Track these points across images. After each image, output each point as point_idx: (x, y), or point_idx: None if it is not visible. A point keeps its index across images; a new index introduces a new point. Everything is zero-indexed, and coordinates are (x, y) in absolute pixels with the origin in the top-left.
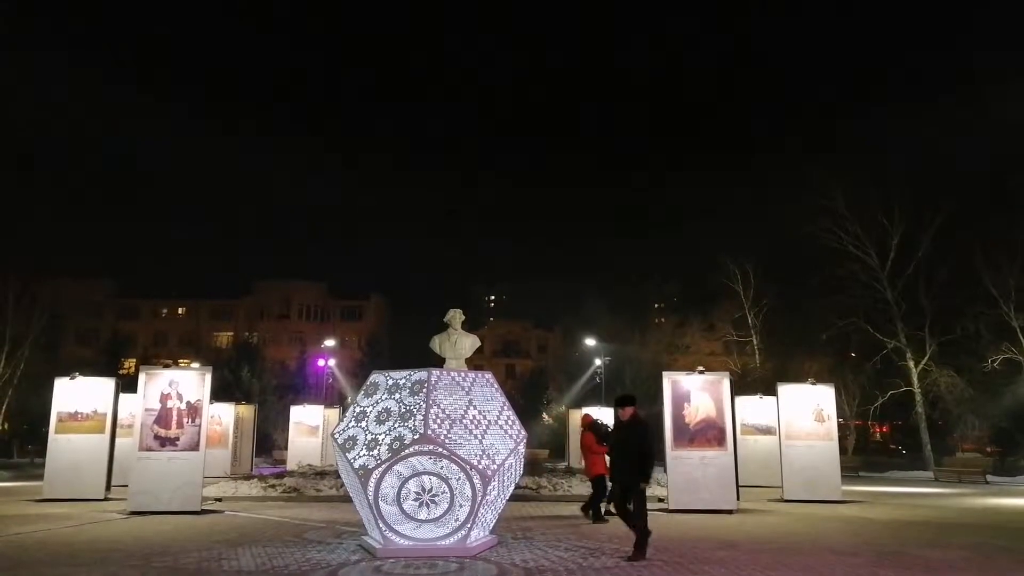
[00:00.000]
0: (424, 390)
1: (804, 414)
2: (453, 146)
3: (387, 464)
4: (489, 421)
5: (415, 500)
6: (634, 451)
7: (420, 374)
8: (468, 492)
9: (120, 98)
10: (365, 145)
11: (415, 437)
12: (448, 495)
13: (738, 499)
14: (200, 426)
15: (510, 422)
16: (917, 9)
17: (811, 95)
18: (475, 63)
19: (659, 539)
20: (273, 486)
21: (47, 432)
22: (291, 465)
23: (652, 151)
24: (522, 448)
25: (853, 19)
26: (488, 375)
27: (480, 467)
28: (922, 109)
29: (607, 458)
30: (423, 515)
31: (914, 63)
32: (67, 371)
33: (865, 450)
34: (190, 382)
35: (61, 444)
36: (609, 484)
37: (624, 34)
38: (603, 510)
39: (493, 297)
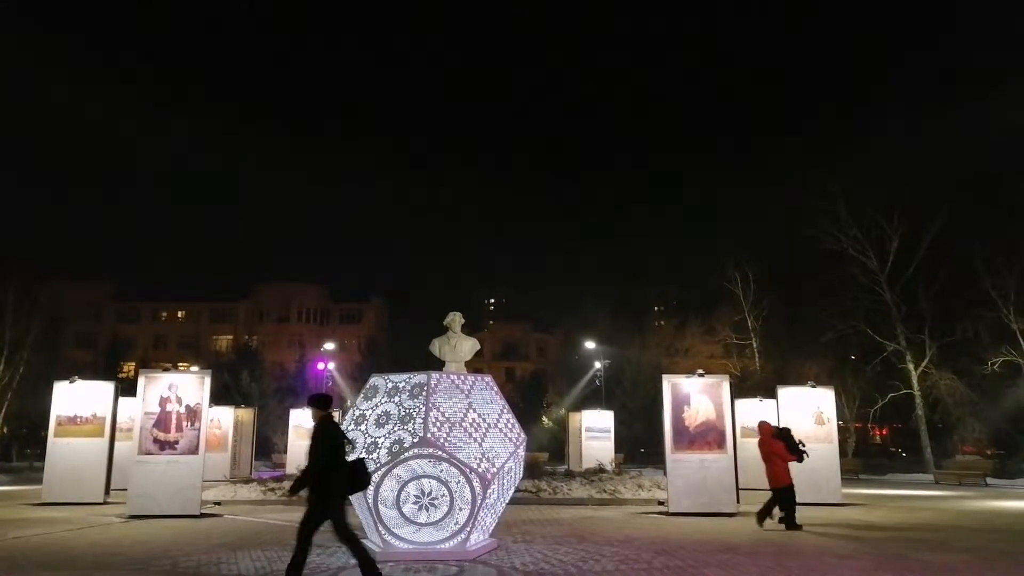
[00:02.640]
0: (424, 393)
1: (804, 417)
2: (454, 147)
3: (386, 467)
4: (489, 424)
5: (415, 503)
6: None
7: (420, 377)
8: (468, 495)
9: (118, 101)
10: (365, 146)
11: (415, 440)
12: (448, 498)
13: (738, 502)
14: (199, 430)
15: (510, 425)
16: (917, 9)
17: (811, 97)
18: (476, 63)
19: (660, 542)
20: (272, 489)
21: (46, 435)
22: (291, 468)
23: (652, 153)
24: (522, 451)
25: (853, 20)
26: (488, 378)
27: (480, 470)
28: (922, 110)
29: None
30: (423, 518)
31: (914, 63)
32: (66, 374)
33: (865, 453)
34: (189, 385)
35: (60, 447)
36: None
37: (623, 35)
38: (777, 517)
39: (493, 300)
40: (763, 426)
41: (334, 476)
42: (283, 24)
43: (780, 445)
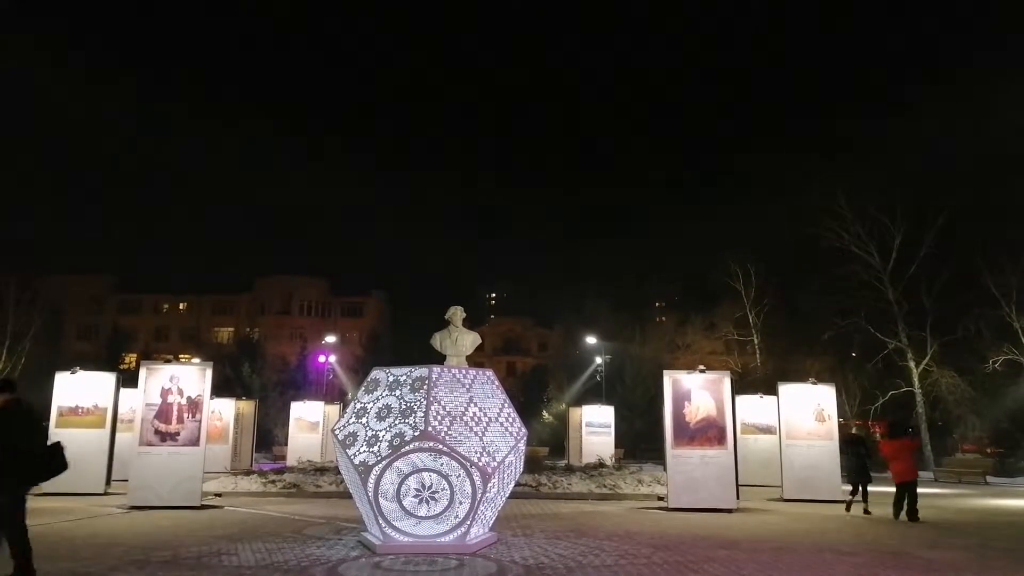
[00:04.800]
0: (425, 387)
1: (805, 414)
2: (454, 146)
3: (387, 460)
4: (489, 418)
5: (415, 497)
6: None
7: (421, 371)
8: (468, 489)
9: (120, 98)
10: (366, 144)
11: (415, 434)
12: (448, 492)
13: (738, 498)
14: (200, 421)
15: (510, 419)
16: (917, 9)
17: (813, 95)
18: (476, 63)
19: (659, 537)
20: (273, 482)
21: (47, 426)
22: (291, 461)
23: (654, 151)
24: (522, 446)
25: (855, 19)
26: (489, 372)
27: (480, 464)
28: (923, 109)
29: None
30: (423, 512)
31: (914, 63)
32: (68, 365)
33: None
34: (191, 377)
35: (61, 438)
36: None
37: (625, 33)
38: (864, 507)
39: (494, 294)
40: (884, 431)
41: (24, 463)
42: (285, 23)
43: (910, 442)
